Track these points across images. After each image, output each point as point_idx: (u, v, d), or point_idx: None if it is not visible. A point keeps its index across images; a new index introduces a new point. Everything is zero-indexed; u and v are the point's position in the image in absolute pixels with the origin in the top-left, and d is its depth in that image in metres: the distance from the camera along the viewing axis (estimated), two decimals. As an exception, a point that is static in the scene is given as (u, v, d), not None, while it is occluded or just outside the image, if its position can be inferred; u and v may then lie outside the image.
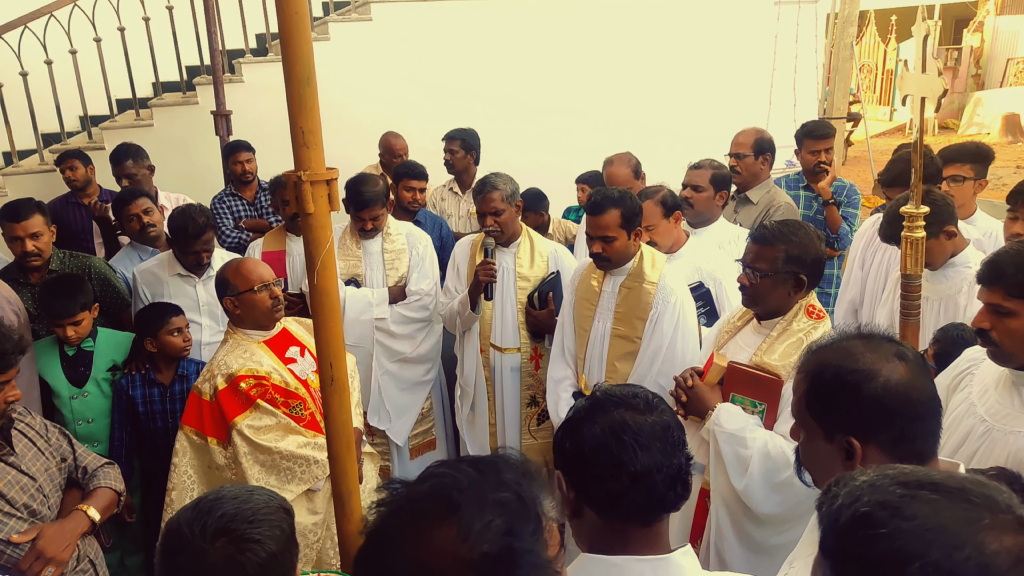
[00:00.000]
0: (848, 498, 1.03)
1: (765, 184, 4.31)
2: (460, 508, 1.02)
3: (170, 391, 3.44)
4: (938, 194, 3.18)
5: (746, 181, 4.32)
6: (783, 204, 4.14)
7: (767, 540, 2.56)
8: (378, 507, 1.08)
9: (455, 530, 1.00)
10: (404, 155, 5.63)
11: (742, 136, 4.37)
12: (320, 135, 1.89)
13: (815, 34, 7.15)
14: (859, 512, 1.00)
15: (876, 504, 1.00)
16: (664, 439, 1.42)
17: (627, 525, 1.41)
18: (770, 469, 2.47)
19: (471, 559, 0.99)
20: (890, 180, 3.95)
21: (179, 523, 1.54)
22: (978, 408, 2.19)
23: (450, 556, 0.99)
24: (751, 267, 2.61)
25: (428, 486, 1.07)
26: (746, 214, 4.23)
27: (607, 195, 3.13)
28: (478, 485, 1.05)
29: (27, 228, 3.63)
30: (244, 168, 5.22)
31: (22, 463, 2.36)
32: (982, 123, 15.98)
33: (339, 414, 2.06)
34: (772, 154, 4.33)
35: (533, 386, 3.86)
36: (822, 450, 1.55)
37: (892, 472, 1.05)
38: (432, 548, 0.99)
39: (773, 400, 2.55)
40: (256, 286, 2.99)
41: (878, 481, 1.04)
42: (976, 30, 17.86)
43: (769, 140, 4.33)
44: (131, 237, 4.29)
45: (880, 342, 1.56)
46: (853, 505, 1.02)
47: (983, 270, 2.20)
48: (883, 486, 1.02)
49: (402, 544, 1.02)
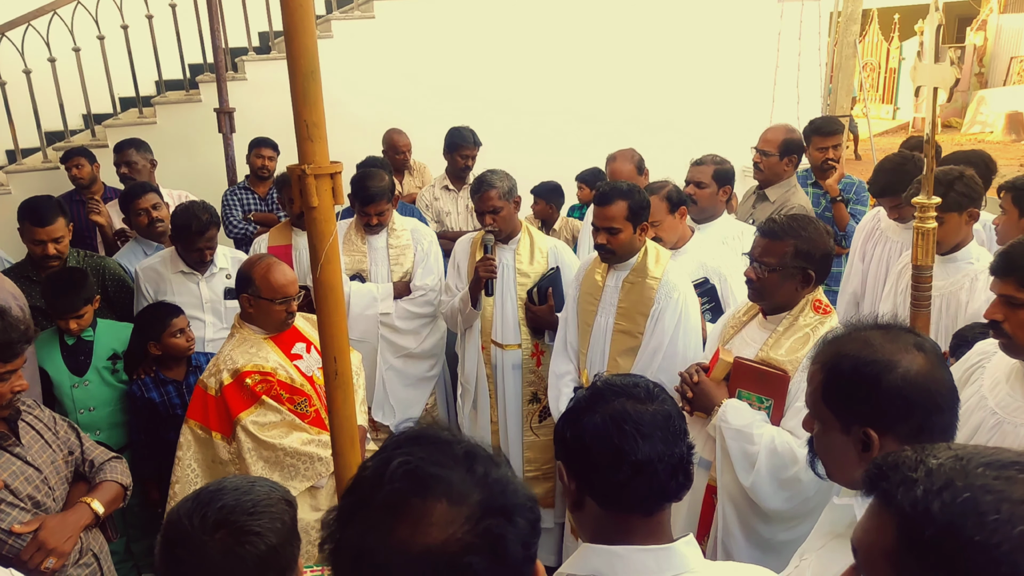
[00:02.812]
0: (932, 483, 0.95)
1: (786, 183, 4.26)
2: (433, 479, 0.98)
3: (185, 384, 3.45)
4: (973, 174, 3.16)
5: (768, 179, 4.28)
6: (796, 205, 4.07)
7: (774, 536, 2.55)
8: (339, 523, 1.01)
9: (444, 500, 0.96)
10: (408, 152, 5.67)
11: (771, 133, 4.31)
12: (324, 128, 1.88)
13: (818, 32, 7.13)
14: (960, 498, 0.92)
15: (977, 489, 0.92)
16: (665, 428, 1.41)
17: (629, 515, 1.40)
18: (777, 465, 2.45)
19: (472, 512, 0.96)
20: (879, 191, 3.78)
21: (179, 514, 1.53)
22: (989, 401, 2.19)
23: (453, 522, 0.95)
24: (759, 261, 2.59)
25: (386, 484, 0.99)
26: (762, 211, 4.20)
27: (615, 187, 3.12)
28: (428, 455, 1.01)
29: (51, 233, 3.60)
30: (264, 163, 5.33)
31: (28, 454, 2.36)
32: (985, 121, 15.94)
33: (343, 409, 2.05)
34: (798, 155, 4.26)
35: (535, 383, 3.85)
36: (838, 442, 1.53)
37: (960, 452, 0.99)
38: (431, 526, 0.95)
39: (780, 396, 2.53)
40: (278, 299, 2.99)
41: (956, 464, 0.96)
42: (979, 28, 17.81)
43: (797, 141, 4.27)
44: (139, 232, 4.29)
45: (898, 333, 1.54)
46: (945, 492, 0.93)
47: (997, 261, 2.19)
48: (968, 469, 0.95)
49: (393, 541, 0.95)
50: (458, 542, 0.94)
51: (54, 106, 5.91)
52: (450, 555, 0.93)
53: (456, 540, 0.94)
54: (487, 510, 0.97)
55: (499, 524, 0.97)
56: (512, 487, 1.01)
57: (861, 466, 1.46)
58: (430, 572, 0.93)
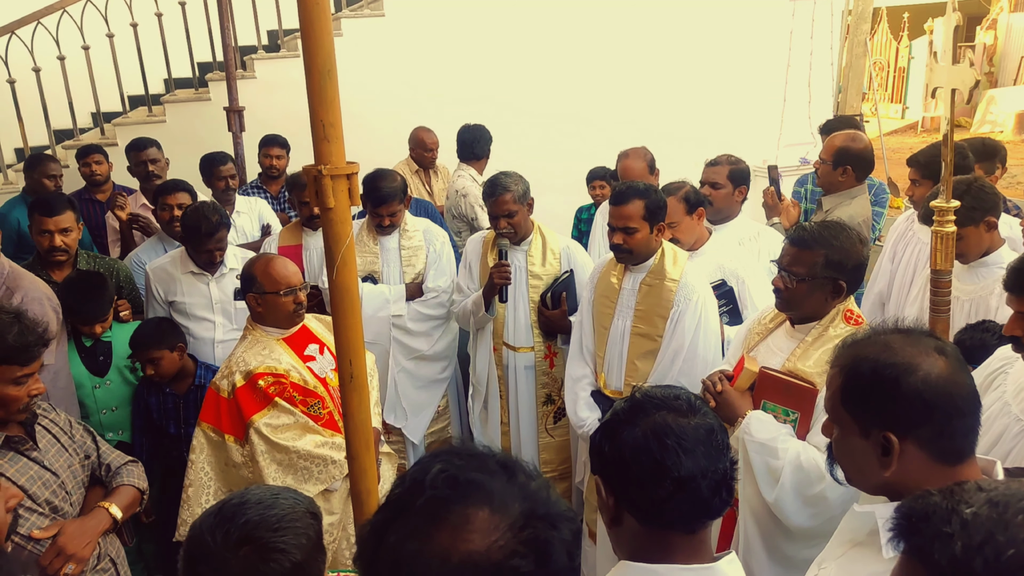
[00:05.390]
0: (971, 538, 0.90)
1: (845, 194, 3.97)
2: (474, 486, 0.95)
3: (184, 400, 3.42)
4: (984, 182, 3.12)
5: (824, 186, 4.10)
6: (841, 217, 3.69)
7: (798, 554, 2.45)
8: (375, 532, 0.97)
9: (486, 507, 0.93)
10: (434, 150, 5.67)
11: (832, 140, 4.07)
12: (340, 128, 1.85)
13: (830, 30, 7.09)
14: (1006, 556, 0.87)
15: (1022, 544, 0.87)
16: (708, 443, 1.37)
17: (670, 532, 1.37)
18: (802, 481, 2.36)
19: (515, 520, 0.93)
20: (915, 162, 3.91)
21: (201, 530, 1.50)
22: (1012, 408, 2.16)
23: (496, 529, 0.92)
24: (787, 270, 2.48)
25: (427, 489, 0.96)
26: (816, 219, 4.12)
27: (632, 186, 3.08)
28: (467, 463, 0.99)
29: (59, 223, 3.62)
30: (272, 163, 5.33)
31: (45, 459, 2.34)
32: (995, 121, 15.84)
33: (358, 412, 2.02)
34: (856, 167, 3.96)
35: (548, 384, 3.82)
36: (857, 446, 1.50)
37: (993, 494, 0.94)
38: (474, 532, 0.92)
39: (807, 409, 2.43)
40: (283, 290, 2.96)
41: (993, 513, 0.91)
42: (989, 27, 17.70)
43: (855, 152, 3.96)
44: (160, 226, 4.30)
45: (919, 336, 1.51)
46: (987, 547, 0.88)
47: (1010, 277, 2.17)
48: (1007, 519, 0.90)
49: (434, 548, 0.92)
50: (501, 549, 0.91)
51: (63, 104, 5.90)
52: (494, 562, 0.90)
53: (499, 548, 0.91)
54: (530, 517, 0.94)
55: (544, 530, 0.94)
56: (553, 496, 0.99)
57: (881, 471, 1.44)
58: None
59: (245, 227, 4.76)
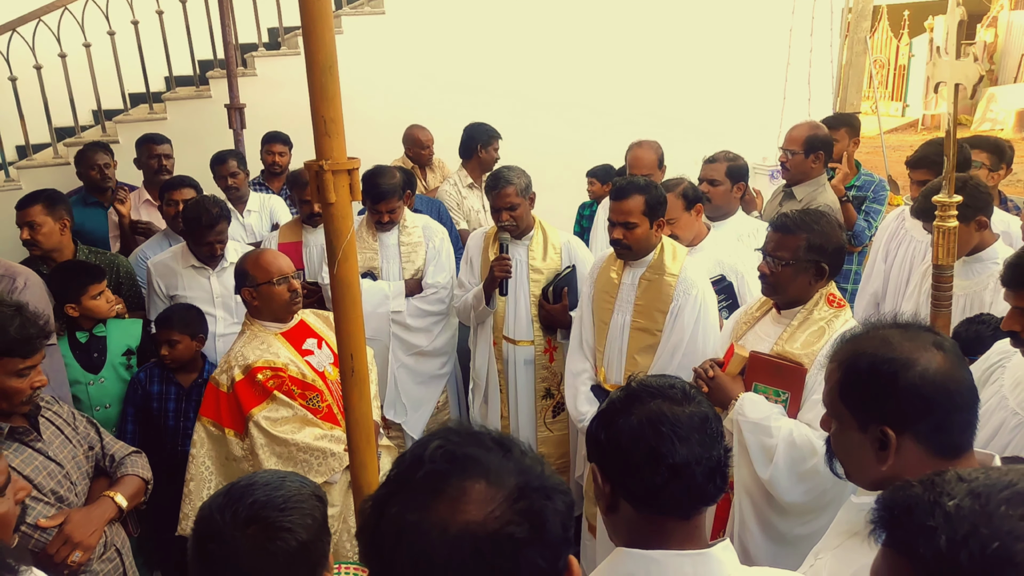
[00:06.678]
0: (955, 531, 0.89)
1: (814, 182, 4.17)
2: (470, 460, 0.99)
3: (187, 393, 3.41)
4: (978, 181, 3.14)
5: (795, 177, 4.21)
6: (822, 204, 3.98)
7: (791, 531, 2.55)
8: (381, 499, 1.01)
9: (483, 480, 0.97)
10: (430, 147, 5.68)
11: (795, 131, 4.23)
12: (342, 124, 1.87)
13: (830, 28, 7.09)
14: (991, 550, 0.86)
15: (1006, 535, 0.87)
16: (703, 430, 1.39)
17: (665, 519, 1.39)
18: (796, 458, 2.46)
19: (510, 493, 0.96)
20: (915, 161, 3.88)
21: (211, 509, 1.54)
22: (1010, 401, 2.17)
23: (492, 500, 0.95)
24: (772, 255, 2.60)
25: (426, 464, 1.00)
26: (788, 208, 4.16)
27: (632, 181, 3.12)
28: (464, 440, 1.02)
29: (24, 216, 3.63)
30: (275, 159, 5.36)
31: (49, 449, 2.36)
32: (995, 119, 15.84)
33: (359, 406, 2.05)
34: (825, 152, 4.17)
35: (548, 378, 3.84)
36: (855, 440, 1.51)
37: (974, 485, 0.93)
38: (470, 503, 0.95)
39: (797, 388, 2.54)
40: (275, 278, 2.98)
41: (976, 505, 0.91)
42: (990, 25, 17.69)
43: (822, 138, 4.17)
44: (166, 222, 4.32)
45: (917, 331, 1.52)
46: (972, 541, 0.87)
47: (1008, 273, 2.18)
48: (991, 511, 0.90)
49: (433, 518, 0.95)
50: (497, 519, 0.94)
51: (64, 102, 5.91)
52: (490, 531, 0.93)
53: (495, 518, 0.94)
54: (524, 489, 0.97)
55: (538, 500, 0.97)
56: (547, 471, 1.03)
57: (878, 465, 1.45)
58: (470, 549, 0.93)
59: (255, 225, 4.79)
